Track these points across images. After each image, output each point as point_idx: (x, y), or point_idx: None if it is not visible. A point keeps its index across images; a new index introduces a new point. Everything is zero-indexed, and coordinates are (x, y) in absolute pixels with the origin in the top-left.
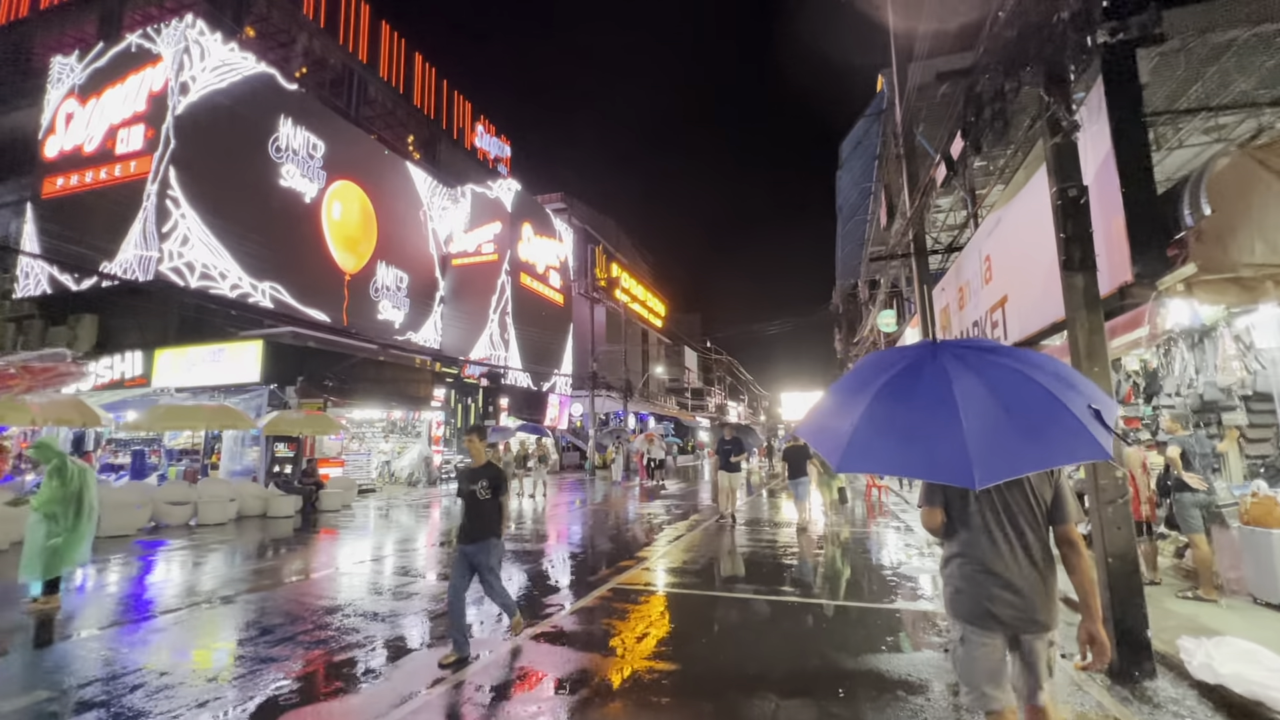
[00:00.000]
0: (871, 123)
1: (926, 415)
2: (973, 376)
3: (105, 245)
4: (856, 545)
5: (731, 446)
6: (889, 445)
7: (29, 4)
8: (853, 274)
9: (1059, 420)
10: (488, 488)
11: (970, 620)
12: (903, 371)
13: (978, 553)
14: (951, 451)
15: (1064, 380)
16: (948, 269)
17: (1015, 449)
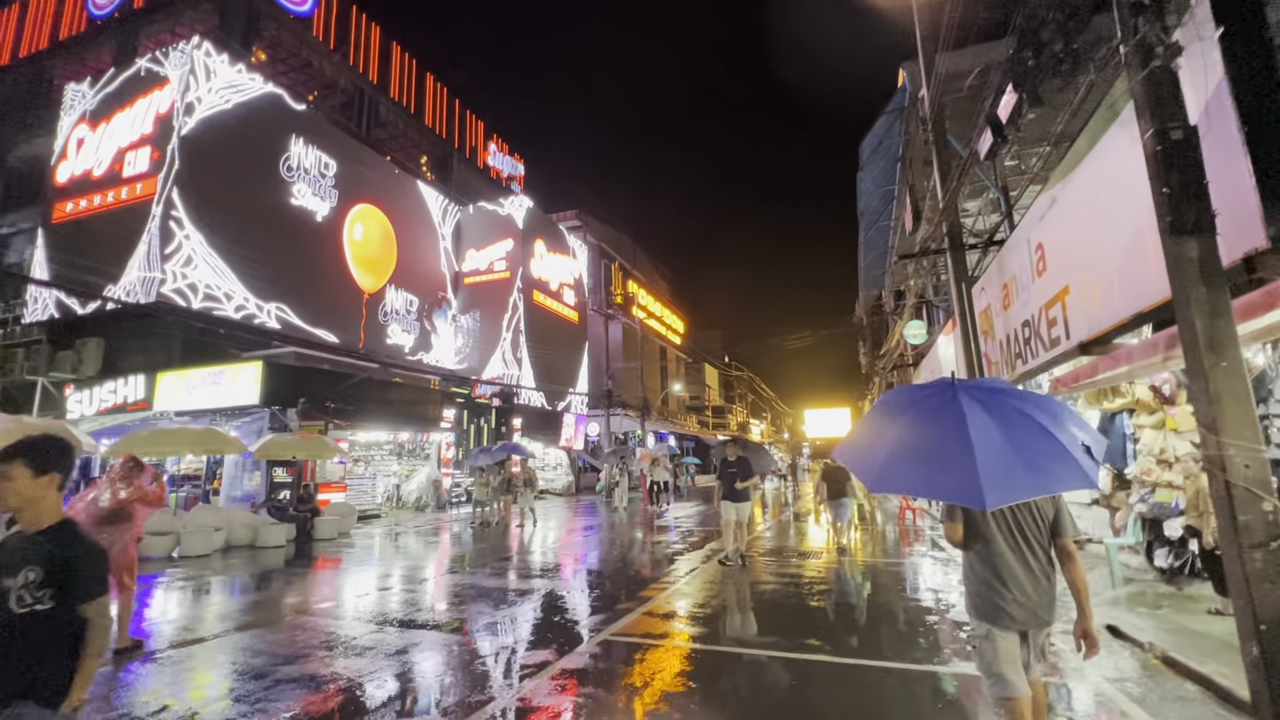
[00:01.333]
0: (893, 120)
1: (947, 447)
2: (985, 415)
3: (110, 268)
4: (893, 581)
5: (736, 469)
6: (916, 471)
7: (49, 36)
8: (877, 284)
9: (1055, 455)
10: (38, 585)
11: (991, 620)
12: (925, 408)
13: (992, 562)
14: (967, 478)
15: (1060, 420)
16: (984, 270)
17: (1019, 478)
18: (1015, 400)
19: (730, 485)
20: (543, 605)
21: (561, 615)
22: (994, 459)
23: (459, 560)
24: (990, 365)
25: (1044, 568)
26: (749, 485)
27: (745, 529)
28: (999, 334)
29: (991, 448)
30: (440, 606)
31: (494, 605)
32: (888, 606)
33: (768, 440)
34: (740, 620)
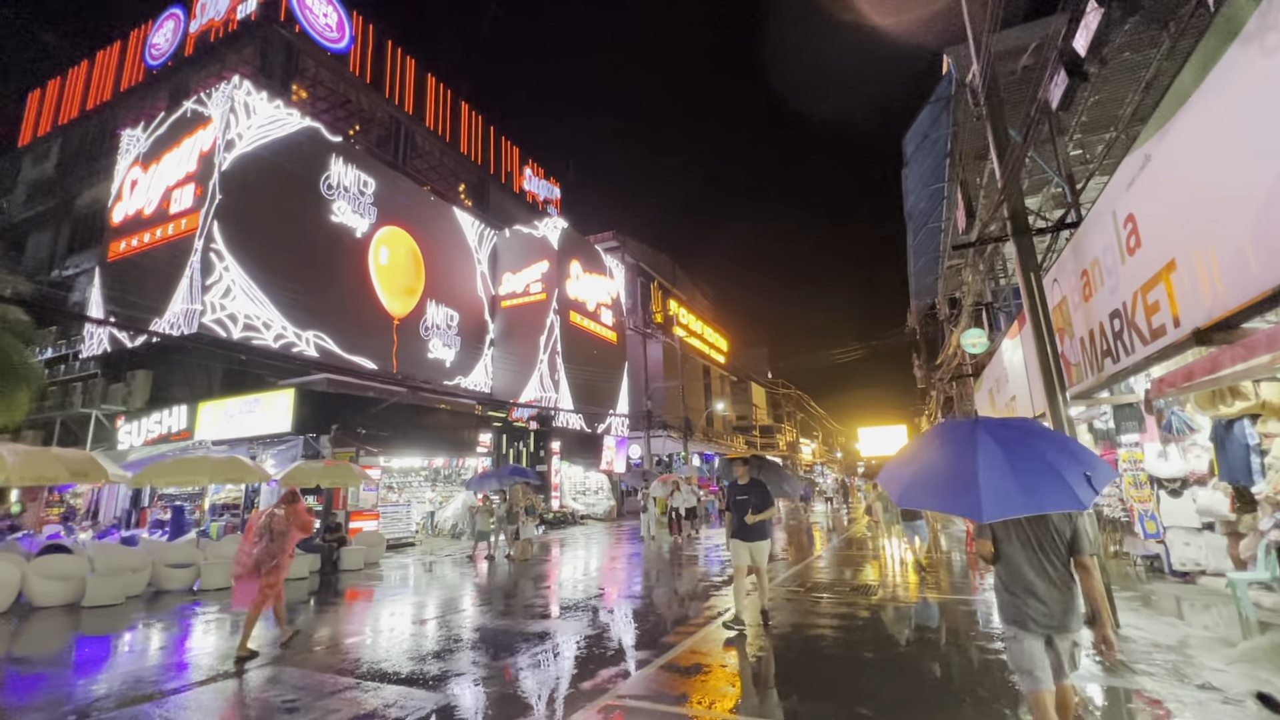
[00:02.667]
0: (938, 111)
1: (958, 471)
2: (995, 447)
3: (157, 302)
4: (967, 622)
5: (749, 496)
6: (932, 490)
7: (112, 88)
8: (929, 291)
9: (1050, 480)
10: None
11: (1016, 624)
12: (948, 440)
13: (1015, 574)
14: (970, 496)
15: (1066, 452)
16: (1054, 260)
17: (1014, 497)
18: (1028, 436)
19: (740, 517)
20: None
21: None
22: (995, 481)
23: (451, 605)
24: (1070, 368)
25: (1063, 579)
26: (766, 518)
27: (765, 577)
28: (1079, 330)
29: (994, 472)
30: (417, 660)
31: (490, 655)
32: (966, 662)
33: (820, 460)
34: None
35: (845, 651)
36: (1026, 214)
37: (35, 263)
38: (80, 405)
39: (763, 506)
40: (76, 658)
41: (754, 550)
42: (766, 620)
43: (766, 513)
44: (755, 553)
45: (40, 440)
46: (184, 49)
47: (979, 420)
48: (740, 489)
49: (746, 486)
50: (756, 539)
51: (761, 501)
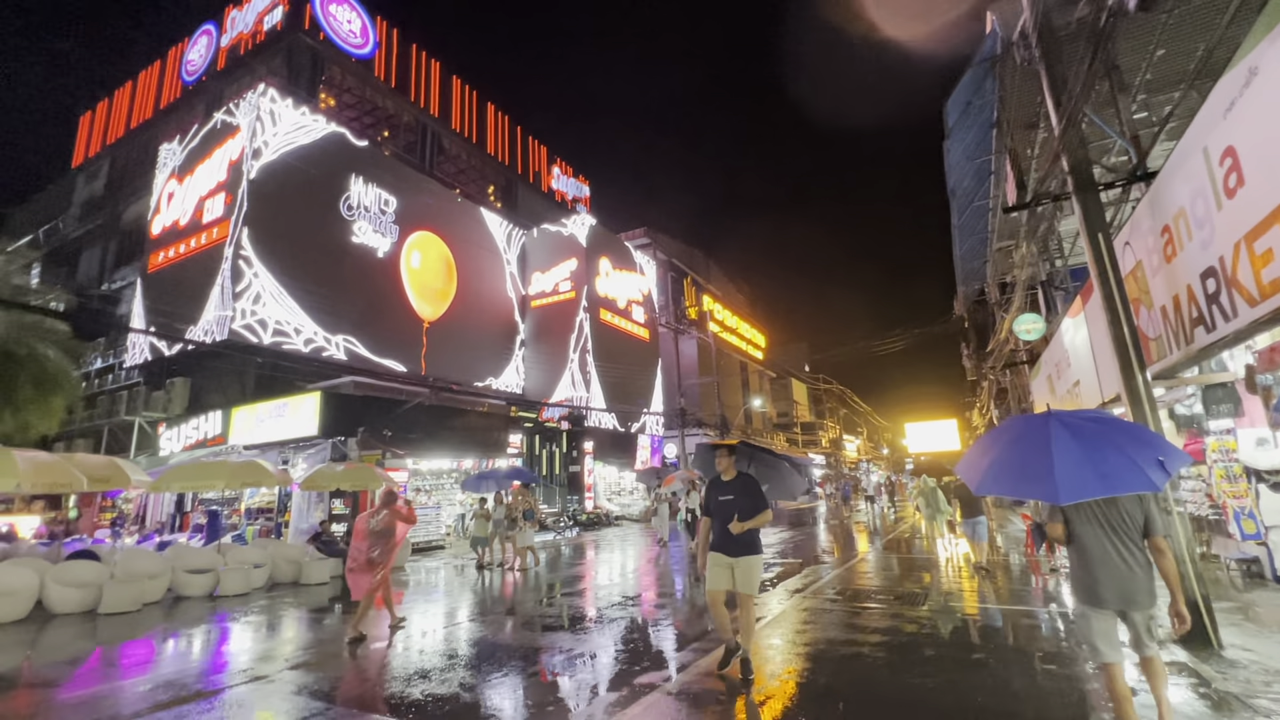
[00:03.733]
0: (982, 75)
1: (1034, 460)
2: (1068, 434)
3: (191, 311)
4: (1029, 639)
5: (734, 497)
6: (1010, 477)
7: (153, 106)
8: (976, 276)
9: (1123, 464)
10: None
11: (1086, 602)
12: (1023, 432)
13: (1088, 555)
14: (1047, 481)
15: (1136, 439)
16: (1123, 222)
17: (1090, 482)
18: (1100, 424)
19: (723, 526)
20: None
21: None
22: (1070, 466)
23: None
24: (1148, 344)
25: (1135, 560)
26: (758, 526)
27: (751, 611)
28: (1159, 298)
29: (1068, 458)
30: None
31: (476, 674)
32: (1029, 690)
33: (865, 457)
34: None
35: (888, 687)
36: (1091, 166)
37: (87, 278)
38: (124, 413)
39: (753, 510)
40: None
41: (739, 570)
42: (746, 673)
43: (758, 519)
44: (740, 574)
45: (90, 448)
46: (216, 63)
47: (1051, 412)
48: (723, 487)
49: (732, 484)
50: (743, 554)
51: (752, 504)
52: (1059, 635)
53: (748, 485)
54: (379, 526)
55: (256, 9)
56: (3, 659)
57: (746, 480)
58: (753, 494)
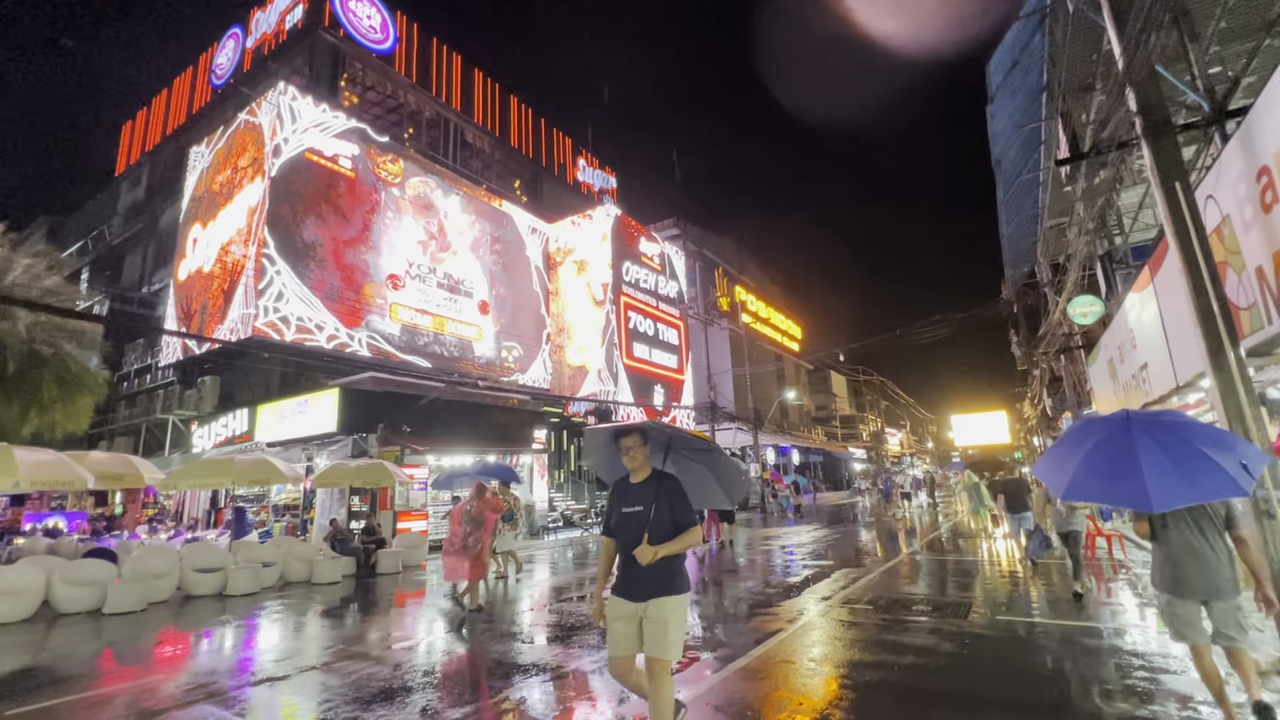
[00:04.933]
0: (1030, 30)
1: (1123, 468)
2: (1153, 443)
3: (218, 310)
4: (1092, 664)
5: (645, 505)
6: (1098, 484)
7: (185, 112)
8: (1025, 258)
9: (1211, 471)
10: None
11: (1169, 591)
12: (1106, 436)
13: (1172, 549)
14: (1138, 491)
15: (1219, 444)
16: (1203, 172)
17: (1180, 490)
18: (1180, 429)
19: (627, 551)
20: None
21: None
22: (1159, 477)
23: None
24: (1238, 313)
25: (1219, 552)
26: (677, 550)
27: (666, 687)
28: (1253, 258)
29: (1158, 469)
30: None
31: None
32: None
33: (908, 450)
34: None
35: None
36: (1165, 102)
37: (129, 281)
38: (159, 411)
39: (673, 528)
40: None
41: (648, 622)
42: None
43: (681, 540)
44: (651, 628)
45: (130, 445)
46: (243, 65)
47: (1129, 415)
48: (629, 493)
49: (642, 488)
50: (655, 594)
51: (671, 518)
52: (1130, 662)
53: (666, 490)
54: (473, 515)
55: (279, 9)
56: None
57: (664, 483)
58: (673, 503)
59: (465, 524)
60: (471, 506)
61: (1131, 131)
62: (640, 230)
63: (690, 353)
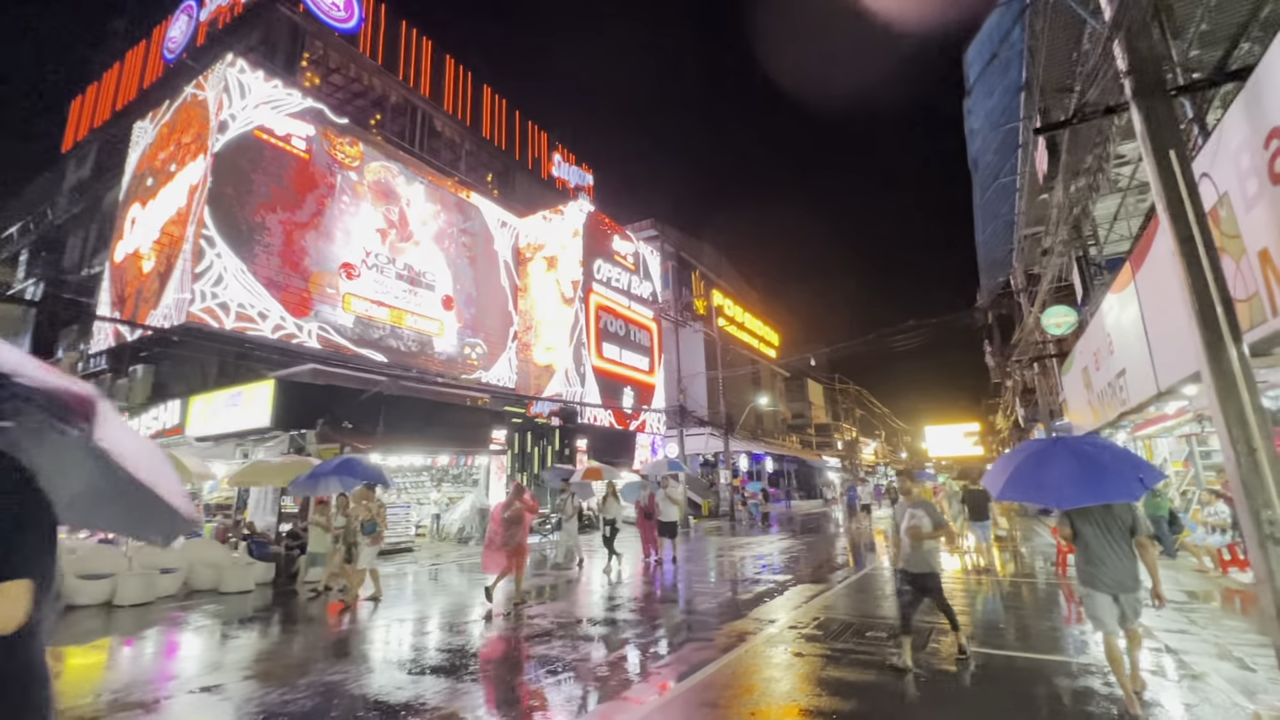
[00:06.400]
0: (1011, 20)
1: (1042, 474)
2: (1070, 455)
3: (153, 294)
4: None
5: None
6: (1022, 486)
7: (136, 87)
8: (1000, 267)
9: (1108, 479)
10: None
11: (1090, 585)
12: (1036, 451)
13: (1090, 551)
14: (1051, 491)
15: (1123, 460)
16: (1201, 142)
17: (1080, 492)
18: (1094, 449)
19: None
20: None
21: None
22: (1069, 482)
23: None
24: (1236, 308)
25: (1125, 553)
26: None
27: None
28: (1255, 240)
29: (1069, 476)
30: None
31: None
32: None
33: (883, 460)
34: None
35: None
36: (1159, 60)
37: (71, 263)
38: None
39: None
40: None
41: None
42: None
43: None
44: None
45: None
46: (196, 39)
47: (1060, 438)
48: None
49: None
50: None
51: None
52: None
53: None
54: (511, 515)
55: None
56: None
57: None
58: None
59: (505, 523)
60: (510, 510)
61: (1120, 95)
62: (614, 228)
63: (663, 355)
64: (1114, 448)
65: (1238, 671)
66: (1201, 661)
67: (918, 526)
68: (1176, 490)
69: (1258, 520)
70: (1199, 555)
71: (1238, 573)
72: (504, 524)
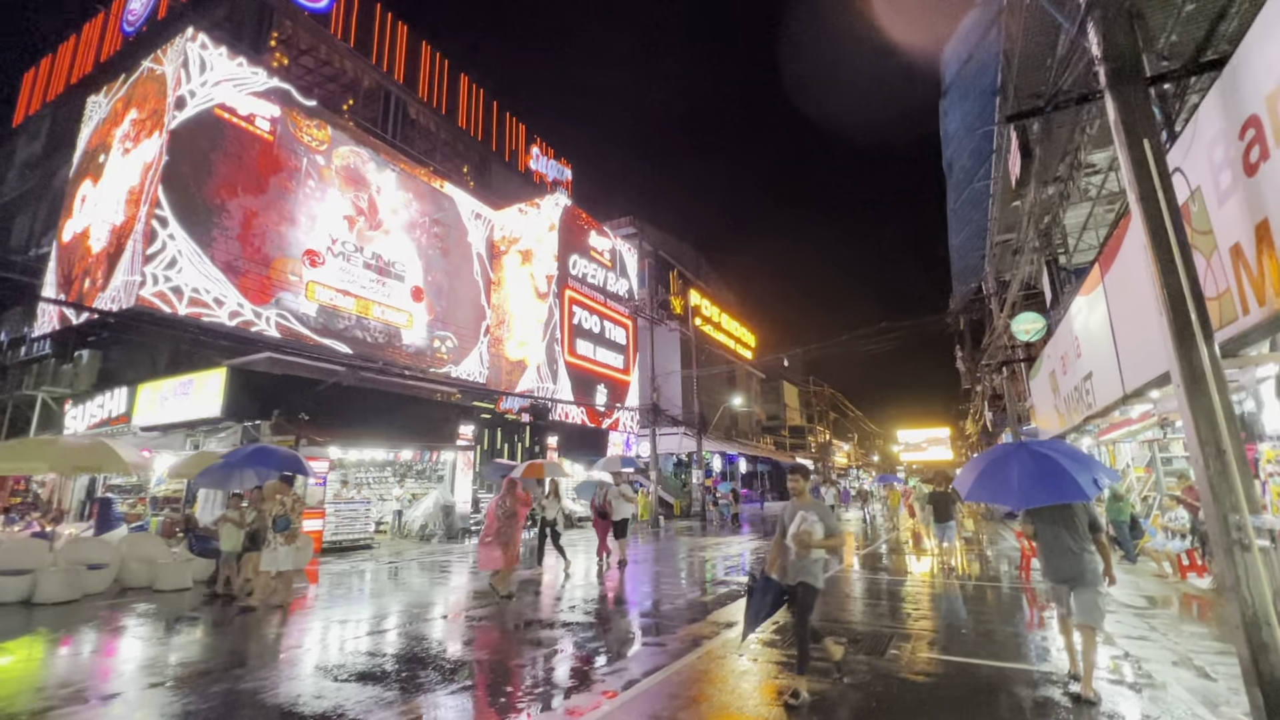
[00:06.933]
0: (989, 21)
1: (1005, 476)
2: (1030, 458)
3: (101, 277)
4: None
5: None
6: (987, 488)
7: (93, 60)
8: (974, 273)
9: (1065, 480)
10: None
11: (1049, 578)
12: (999, 456)
13: (1049, 547)
14: (1012, 492)
15: (1079, 462)
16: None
17: (1039, 492)
18: (1053, 452)
19: None
20: None
21: None
22: (1029, 483)
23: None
24: (1211, 304)
25: (1081, 548)
26: None
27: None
28: (1227, 236)
29: (1028, 477)
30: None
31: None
32: None
33: (856, 463)
34: None
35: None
36: (1136, 46)
37: (19, 243)
38: (30, 387)
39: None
40: None
41: None
42: None
43: None
44: None
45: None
46: (157, 12)
47: (1021, 444)
48: None
49: None
50: None
51: None
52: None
53: None
54: (505, 511)
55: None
56: None
57: None
58: None
59: (500, 518)
60: (505, 505)
61: (1095, 84)
62: (591, 224)
63: (639, 353)
64: (1073, 450)
65: (1198, 680)
66: (1162, 670)
67: (808, 532)
68: (1138, 495)
69: (1225, 526)
70: (1159, 560)
71: (1196, 578)
72: (499, 519)
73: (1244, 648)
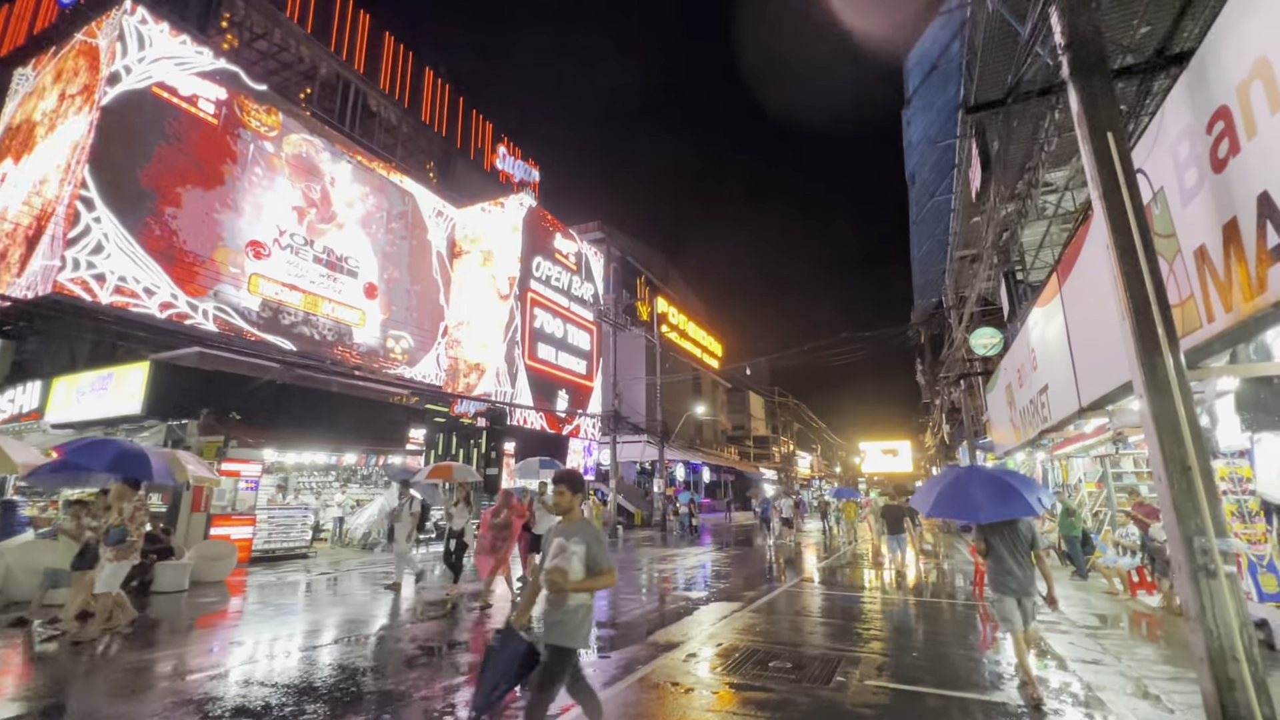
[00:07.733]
0: (952, 31)
1: (966, 495)
2: (984, 479)
3: (17, 261)
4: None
5: None
6: (946, 505)
7: (26, 32)
8: (935, 287)
9: (1014, 499)
10: None
11: (1000, 591)
12: (956, 477)
13: (1000, 561)
14: (971, 508)
15: (1025, 485)
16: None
17: (992, 509)
18: (1003, 475)
19: None
20: None
21: None
22: (986, 502)
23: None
24: (1174, 311)
25: (1026, 564)
26: None
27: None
28: (1192, 238)
29: (983, 496)
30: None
31: None
32: None
33: (819, 474)
34: None
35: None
36: (1100, 35)
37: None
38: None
39: None
40: None
41: None
42: None
43: None
44: None
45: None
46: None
47: (971, 467)
48: None
49: None
50: None
51: None
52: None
53: None
54: (500, 521)
55: None
56: None
57: None
58: None
59: (495, 529)
60: (500, 517)
61: (1059, 71)
62: (556, 226)
63: (602, 359)
64: (1018, 475)
65: (1153, 711)
66: (1117, 701)
67: (561, 570)
68: (1089, 511)
69: (1190, 549)
70: (1110, 577)
71: (1145, 595)
72: (493, 530)
73: (1208, 683)
